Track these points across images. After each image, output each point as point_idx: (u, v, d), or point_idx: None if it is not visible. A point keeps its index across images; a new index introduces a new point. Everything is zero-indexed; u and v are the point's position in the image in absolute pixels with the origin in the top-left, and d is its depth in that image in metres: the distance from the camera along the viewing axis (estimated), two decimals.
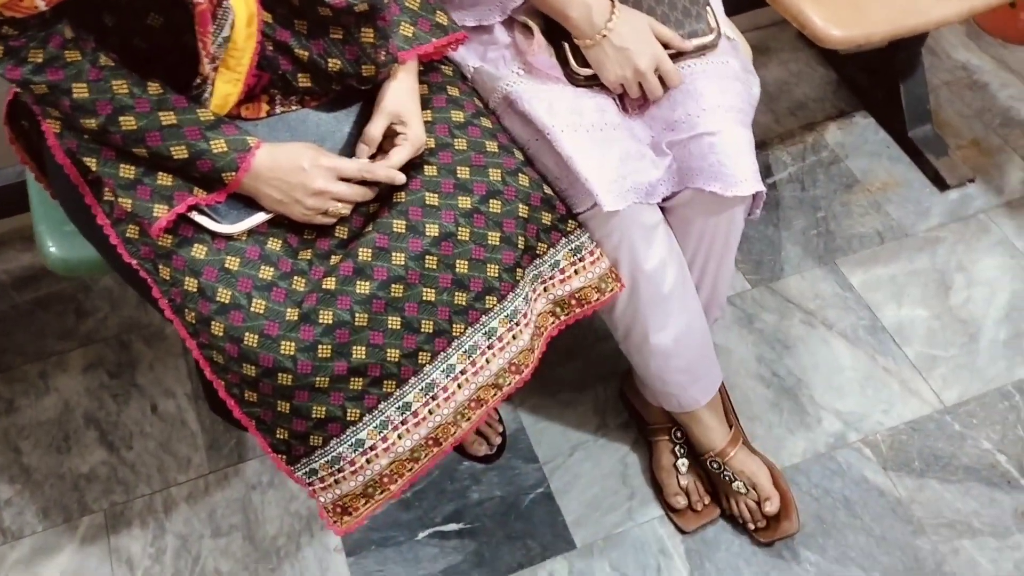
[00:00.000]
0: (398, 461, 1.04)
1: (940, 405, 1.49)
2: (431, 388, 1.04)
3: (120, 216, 0.98)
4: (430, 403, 1.04)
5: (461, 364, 1.05)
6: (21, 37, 0.85)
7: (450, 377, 1.05)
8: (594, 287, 1.15)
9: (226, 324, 0.95)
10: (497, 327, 1.07)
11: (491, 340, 1.07)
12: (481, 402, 1.09)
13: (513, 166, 1.07)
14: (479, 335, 1.06)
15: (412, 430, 1.04)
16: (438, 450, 1.07)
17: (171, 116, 0.92)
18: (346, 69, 0.99)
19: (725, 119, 1.10)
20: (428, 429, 1.05)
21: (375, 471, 1.03)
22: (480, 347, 1.06)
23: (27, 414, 1.51)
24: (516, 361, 1.10)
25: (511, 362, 1.10)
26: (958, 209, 1.75)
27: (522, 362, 1.11)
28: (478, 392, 1.08)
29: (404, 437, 1.04)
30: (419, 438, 1.05)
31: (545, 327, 1.16)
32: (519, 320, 1.09)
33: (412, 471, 1.06)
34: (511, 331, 1.08)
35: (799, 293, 1.64)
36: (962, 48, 2.03)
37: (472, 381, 1.06)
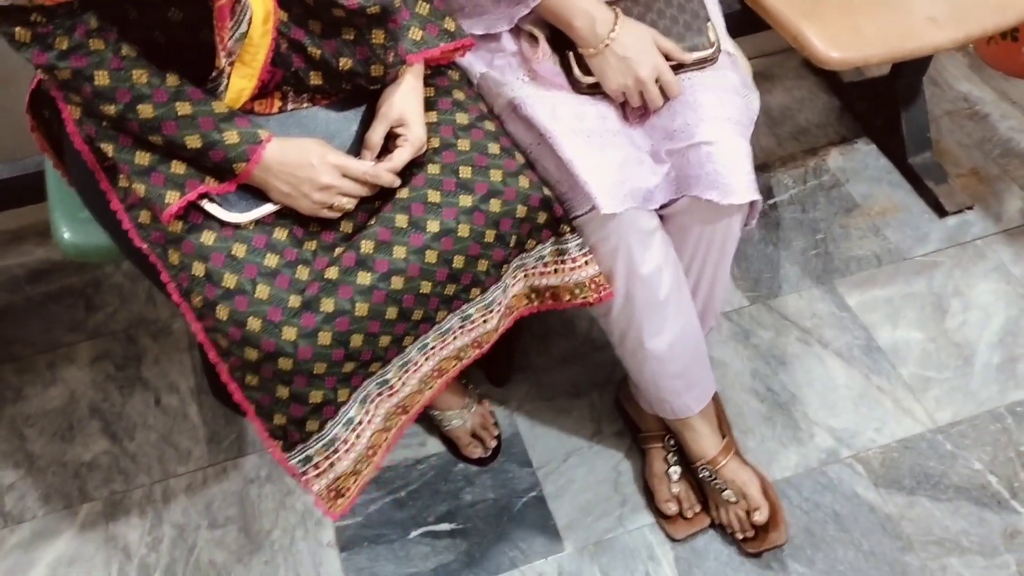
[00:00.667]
0: (376, 432, 1.09)
1: (932, 425, 1.51)
2: (407, 365, 1.10)
3: (133, 202, 1.02)
4: (403, 376, 1.10)
5: (434, 343, 1.11)
6: (49, 24, 0.89)
7: (421, 353, 1.11)
8: (568, 289, 1.18)
9: (231, 308, 0.98)
10: (473, 314, 1.13)
11: (464, 323, 1.13)
12: (442, 372, 1.15)
13: (514, 168, 1.10)
14: (455, 319, 1.12)
15: (386, 400, 1.10)
16: (406, 418, 1.14)
17: (187, 107, 0.96)
18: (356, 69, 1.03)
19: (723, 129, 1.13)
20: (399, 398, 1.11)
21: (363, 445, 1.08)
22: (453, 329, 1.12)
23: (34, 403, 1.54)
24: (479, 339, 1.16)
25: (475, 340, 1.15)
26: (956, 235, 1.77)
27: (484, 340, 1.17)
28: (440, 364, 1.14)
29: (380, 406, 1.09)
30: (391, 406, 1.11)
31: (517, 308, 1.21)
32: (494, 308, 1.14)
33: (387, 440, 1.12)
34: (483, 316, 1.14)
35: (796, 311, 1.66)
36: (964, 80, 2.07)
37: (438, 355, 1.13)
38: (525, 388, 1.56)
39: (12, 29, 0.89)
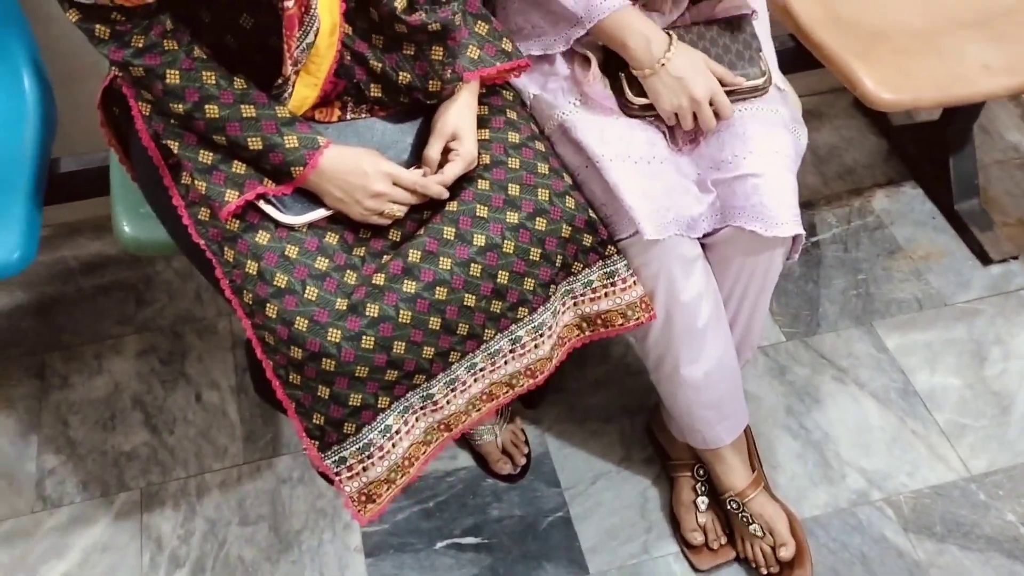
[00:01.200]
0: (415, 444, 1.10)
1: (966, 473, 1.49)
2: (454, 383, 1.10)
3: (194, 199, 1.06)
4: (449, 395, 1.11)
5: (483, 363, 1.12)
6: (128, 23, 0.94)
7: (470, 373, 1.11)
8: (620, 312, 1.19)
9: (280, 307, 1.01)
10: (523, 336, 1.13)
11: (514, 346, 1.13)
12: (492, 396, 1.15)
13: (561, 188, 1.13)
14: (505, 340, 1.12)
15: (428, 415, 1.11)
16: (448, 435, 1.14)
17: (251, 109, 1.00)
18: (415, 83, 1.06)
19: (771, 163, 1.15)
20: (443, 415, 1.12)
21: (398, 455, 1.08)
22: (503, 351, 1.13)
23: (79, 391, 1.59)
24: (532, 367, 1.16)
25: (527, 367, 1.16)
26: (999, 284, 1.76)
27: (538, 368, 1.17)
28: (491, 387, 1.14)
29: (421, 420, 1.10)
30: (433, 421, 1.11)
31: (569, 338, 1.21)
32: (544, 332, 1.14)
33: (425, 453, 1.13)
34: (534, 341, 1.14)
35: (833, 350, 1.66)
36: (1015, 129, 2.06)
37: (488, 378, 1.13)
38: (557, 409, 1.57)
39: (93, 26, 0.94)
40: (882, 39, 1.46)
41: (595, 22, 1.14)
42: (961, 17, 1.49)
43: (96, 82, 1.15)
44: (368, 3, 1.01)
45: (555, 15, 1.17)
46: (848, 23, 1.48)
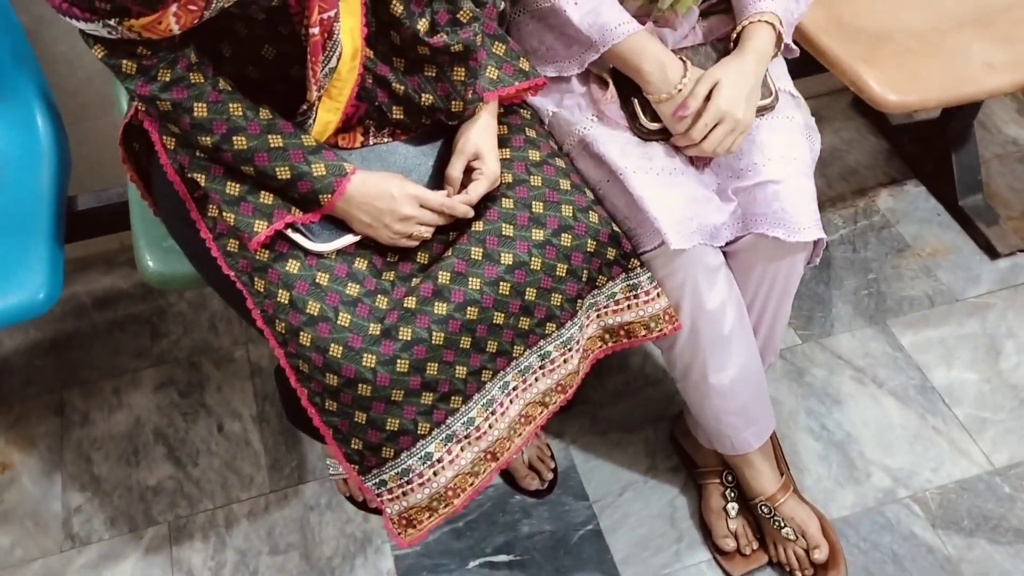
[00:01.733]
0: (461, 475, 1.09)
1: (990, 467, 1.50)
2: (490, 404, 1.10)
3: (222, 231, 1.06)
4: (489, 418, 1.11)
5: (514, 381, 1.12)
6: (154, 57, 0.94)
7: (504, 393, 1.11)
8: (643, 324, 1.20)
9: (313, 335, 1.01)
10: (552, 351, 1.14)
11: (544, 362, 1.14)
12: (529, 418, 1.15)
13: (584, 204, 1.13)
14: (534, 357, 1.13)
15: (473, 443, 1.10)
16: (495, 465, 1.13)
17: (279, 139, 1.00)
18: (437, 104, 1.07)
19: (789, 169, 1.16)
20: (487, 443, 1.11)
21: (441, 484, 1.08)
22: (533, 368, 1.13)
23: (100, 427, 1.58)
24: (563, 382, 1.16)
25: (558, 383, 1.16)
26: (1008, 277, 1.78)
27: (568, 383, 1.17)
28: (526, 408, 1.14)
29: (466, 450, 1.09)
30: (479, 451, 1.11)
31: (592, 350, 1.22)
32: (572, 346, 1.15)
33: (473, 485, 1.11)
34: (563, 356, 1.15)
35: (849, 350, 1.67)
36: (1012, 123, 2.08)
37: (521, 397, 1.13)
38: (580, 422, 1.58)
39: (119, 61, 0.94)
40: (885, 41, 1.47)
41: (609, 47, 1.15)
42: (961, 17, 1.51)
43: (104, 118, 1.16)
44: (389, 26, 1.02)
45: (569, 38, 1.18)
46: (851, 27, 1.50)
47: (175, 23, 0.89)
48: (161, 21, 0.88)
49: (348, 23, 0.99)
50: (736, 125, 1.14)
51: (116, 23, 0.87)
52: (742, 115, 1.14)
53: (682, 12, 1.21)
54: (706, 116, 1.13)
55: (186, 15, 0.89)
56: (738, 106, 1.13)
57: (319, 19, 0.94)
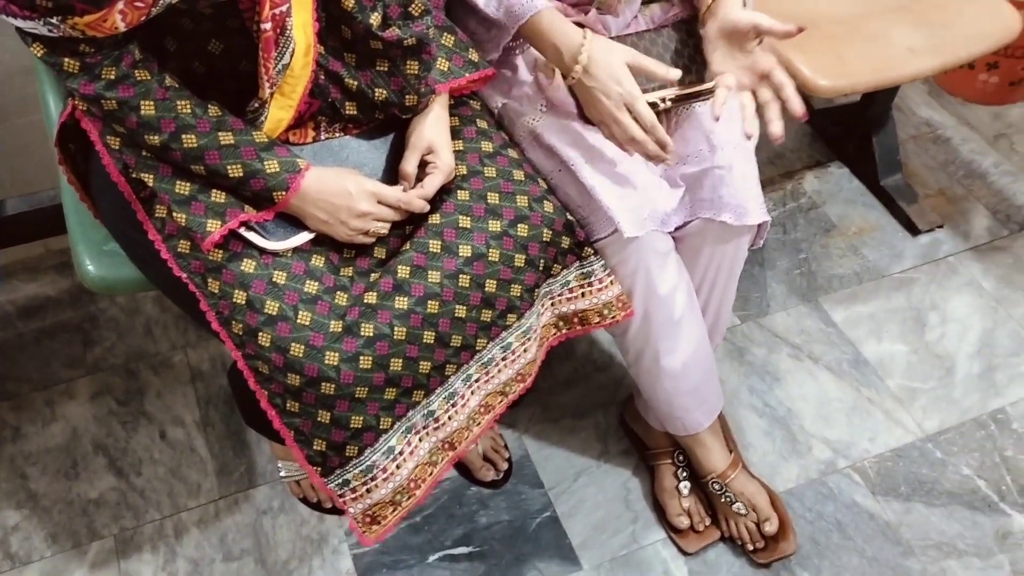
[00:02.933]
0: (420, 465, 1.09)
1: (922, 434, 1.57)
2: (452, 396, 1.11)
3: (172, 232, 1.03)
4: (450, 410, 1.11)
5: (477, 374, 1.12)
6: (97, 54, 0.91)
7: (466, 385, 1.12)
8: (596, 311, 1.22)
9: (273, 335, 0.99)
10: (513, 342, 1.14)
11: (506, 353, 1.14)
12: (489, 408, 1.16)
13: (538, 194, 1.14)
14: (497, 348, 1.13)
15: (432, 433, 1.11)
16: (453, 454, 1.14)
17: (229, 136, 0.98)
18: (391, 99, 1.06)
19: (734, 155, 1.19)
20: (445, 433, 1.12)
21: (403, 476, 1.08)
22: (496, 360, 1.14)
23: (34, 441, 1.51)
24: (522, 371, 1.18)
25: (518, 372, 1.17)
26: (929, 252, 1.86)
27: (527, 372, 1.18)
28: (486, 398, 1.15)
29: (424, 440, 1.10)
30: (436, 440, 1.11)
31: (547, 337, 1.23)
32: (531, 336, 1.16)
33: (432, 475, 1.12)
34: (523, 345, 1.16)
35: (785, 329, 1.73)
36: (925, 106, 2.18)
37: (483, 388, 1.14)
38: (531, 411, 1.59)
39: (61, 59, 0.90)
40: (812, 28, 1.51)
41: (516, 27, 1.13)
42: (883, 3, 1.57)
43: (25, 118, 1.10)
44: (341, 21, 1.00)
45: (488, 22, 1.18)
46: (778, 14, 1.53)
47: (121, 20, 0.86)
48: (107, 19, 0.85)
49: (300, 18, 0.97)
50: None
51: (58, 21, 0.84)
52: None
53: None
54: None
55: (132, 12, 0.86)
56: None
57: (271, 14, 0.92)
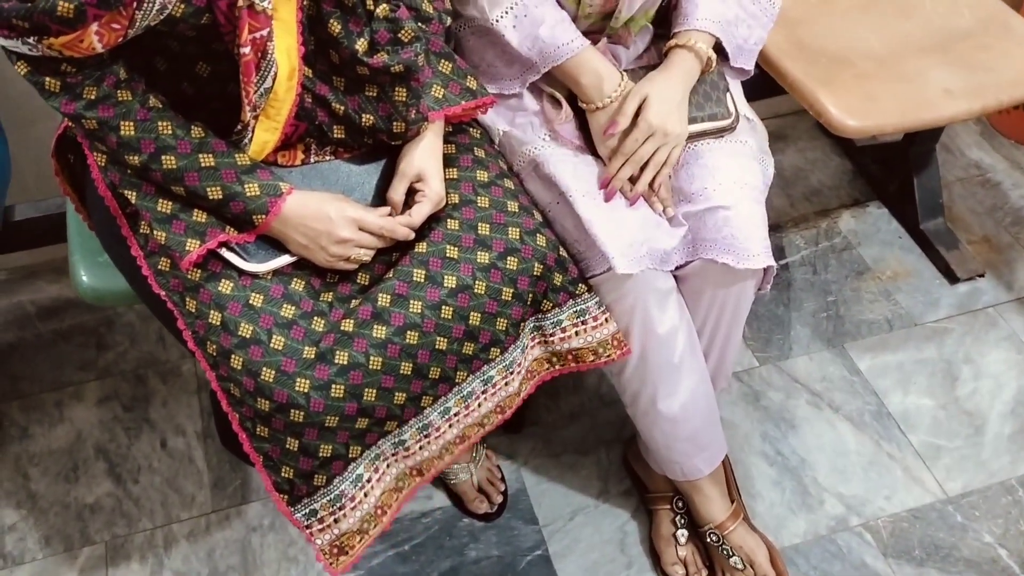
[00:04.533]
0: (387, 491, 1.07)
1: (943, 495, 1.49)
2: (426, 428, 1.09)
3: (153, 249, 1.02)
4: (422, 440, 1.09)
5: (456, 407, 1.10)
6: (78, 74, 0.91)
7: (444, 419, 1.09)
8: (591, 350, 1.18)
9: (245, 358, 0.98)
10: (495, 376, 1.12)
11: (486, 387, 1.12)
12: (465, 438, 1.14)
13: (532, 226, 1.11)
14: (477, 382, 1.11)
15: (400, 460, 1.09)
16: (420, 480, 1.12)
17: (210, 158, 0.97)
18: (378, 125, 1.04)
19: (740, 195, 1.14)
20: (414, 461, 1.10)
21: (371, 503, 1.06)
22: (476, 393, 1.11)
23: (40, 442, 1.54)
24: (502, 404, 1.15)
25: (498, 404, 1.14)
26: (967, 302, 1.77)
27: (507, 404, 1.16)
28: (464, 430, 1.12)
29: (392, 466, 1.08)
30: (404, 467, 1.09)
31: (539, 372, 1.20)
32: (514, 370, 1.13)
33: (398, 500, 1.10)
34: (505, 379, 1.13)
35: (807, 374, 1.66)
36: (975, 147, 2.08)
37: (462, 422, 1.11)
38: (532, 443, 1.55)
39: (42, 78, 0.91)
40: (845, 65, 1.46)
41: (549, 67, 1.13)
42: (921, 42, 1.50)
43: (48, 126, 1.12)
44: (327, 46, 0.99)
45: (509, 56, 1.16)
46: (811, 50, 1.49)
47: (98, 42, 0.86)
48: (83, 40, 0.85)
49: (284, 42, 0.96)
50: (667, 138, 1.13)
51: (35, 41, 0.84)
52: (672, 127, 1.13)
53: (635, 30, 1.19)
54: (636, 131, 1.12)
55: (109, 33, 0.86)
56: (668, 119, 1.12)
57: (250, 38, 0.91)
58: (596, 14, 1.17)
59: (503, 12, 1.13)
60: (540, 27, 1.13)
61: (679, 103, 1.15)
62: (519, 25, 1.13)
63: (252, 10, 0.91)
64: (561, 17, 1.14)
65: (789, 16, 1.53)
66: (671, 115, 1.13)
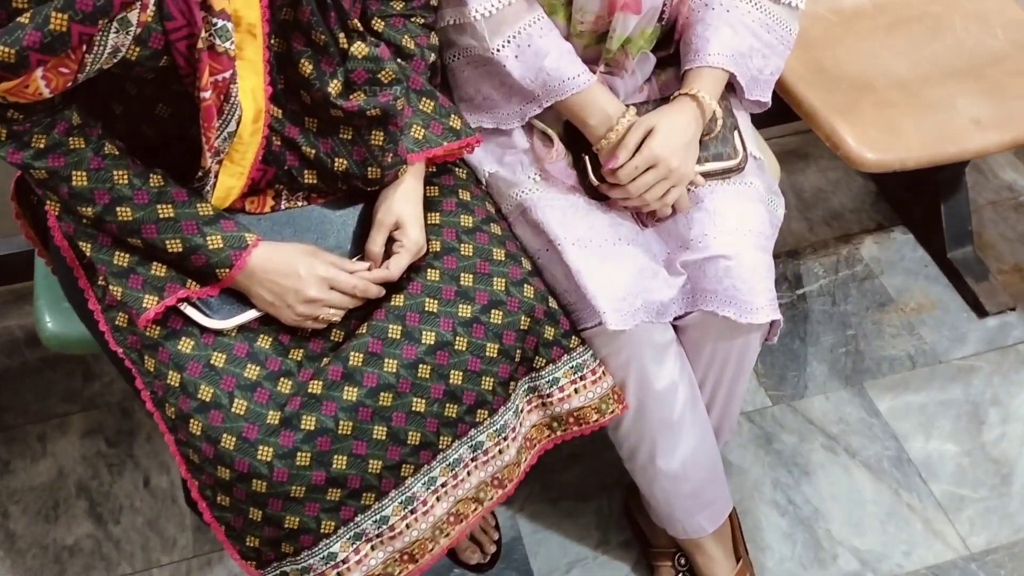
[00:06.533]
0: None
1: (965, 551, 1.40)
2: (410, 502, 1.00)
3: (111, 303, 0.96)
4: (408, 517, 1.00)
5: (443, 477, 1.02)
6: (26, 122, 0.85)
7: (430, 490, 1.01)
8: (594, 407, 1.10)
9: (204, 423, 0.92)
10: (484, 441, 1.04)
11: (476, 453, 1.04)
12: (461, 516, 1.05)
13: (519, 276, 1.04)
14: (464, 448, 1.03)
15: (387, 542, 1.00)
16: (413, 567, 1.03)
17: (169, 209, 0.91)
18: (352, 170, 0.97)
19: (743, 243, 1.06)
20: (403, 544, 1.01)
21: None
22: (464, 460, 1.03)
23: (21, 477, 1.49)
24: (500, 475, 1.06)
25: (494, 476, 1.06)
26: (996, 338, 1.67)
27: (506, 476, 1.07)
28: (457, 506, 1.04)
29: (377, 549, 1.00)
30: (392, 551, 1.01)
31: (539, 440, 1.12)
32: (507, 435, 1.05)
33: None
34: (498, 445, 1.05)
35: (822, 415, 1.57)
36: (1009, 168, 1.97)
37: (451, 494, 1.03)
38: (530, 487, 1.48)
39: None
40: (866, 92, 1.37)
41: (552, 102, 1.05)
42: (950, 67, 1.40)
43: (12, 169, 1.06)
44: (299, 86, 0.92)
45: (509, 88, 1.08)
46: (830, 75, 1.40)
47: (45, 87, 0.79)
48: (28, 85, 0.78)
49: (249, 82, 0.89)
50: (670, 174, 1.04)
51: None
52: (677, 164, 1.04)
53: (633, 54, 1.10)
54: (637, 159, 1.04)
55: (57, 78, 0.79)
56: (674, 154, 1.04)
57: (211, 81, 0.84)
58: (588, 32, 1.09)
59: (504, 41, 1.05)
60: (545, 58, 1.05)
61: (688, 143, 1.06)
62: (521, 56, 1.05)
63: (213, 51, 0.84)
64: (566, 48, 1.07)
65: (807, 38, 1.44)
66: (677, 150, 1.05)
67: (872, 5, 1.52)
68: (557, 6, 1.07)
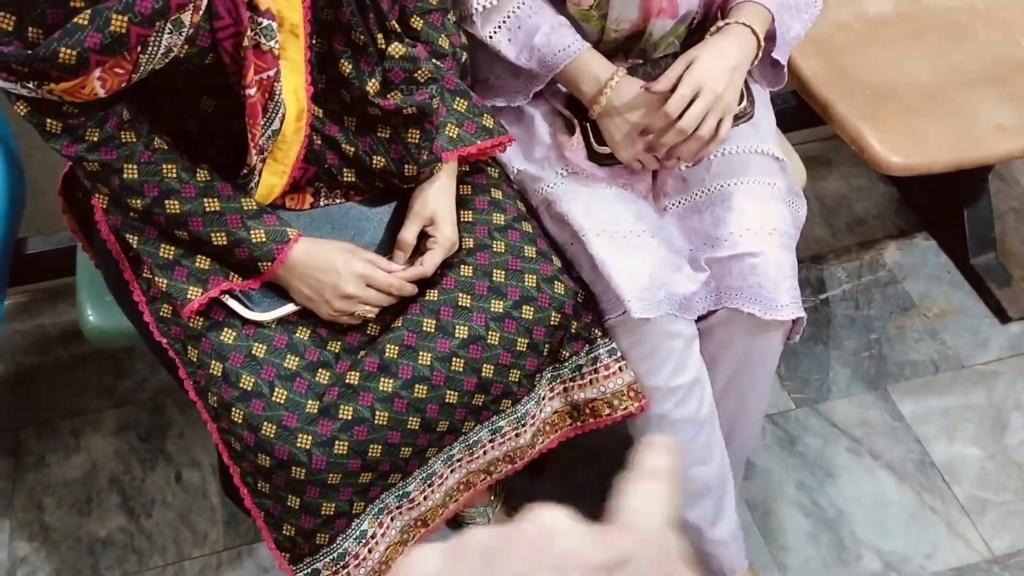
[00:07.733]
0: (392, 545, 1.03)
1: (989, 554, 1.40)
2: (430, 477, 1.04)
3: (156, 295, 0.99)
4: (426, 490, 1.04)
5: (460, 454, 1.06)
6: (81, 116, 0.88)
7: (447, 466, 1.05)
8: (606, 402, 1.12)
9: (246, 411, 0.94)
10: (504, 426, 1.07)
11: (494, 436, 1.07)
12: (470, 485, 1.09)
13: (550, 273, 1.06)
14: (484, 431, 1.06)
15: (405, 513, 1.04)
16: (425, 531, 1.07)
17: (215, 203, 0.93)
18: (389, 167, 0.99)
19: (769, 242, 1.07)
20: (419, 512, 1.05)
21: (375, 559, 1.02)
22: (482, 442, 1.07)
23: (55, 471, 1.52)
24: (511, 453, 1.10)
25: (506, 454, 1.09)
26: (1019, 343, 1.67)
27: (518, 455, 1.10)
28: (468, 476, 1.08)
29: (396, 519, 1.04)
30: (409, 519, 1.05)
31: (561, 426, 1.14)
32: (526, 421, 1.08)
33: (402, 555, 1.05)
34: (515, 430, 1.08)
35: (846, 418, 1.58)
36: None
37: (465, 468, 1.07)
38: (551, 485, 1.49)
39: (43, 120, 0.88)
40: (890, 97, 1.39)
41: (552, 75, 1.08)
42: (974, 74, 1.42)
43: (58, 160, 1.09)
44: (339, 85, 0.95)
45: (513, 66, 1.11)
46: (854, 80, 1.42)
47: (100, 87, 0.82)
48: (84, 86, 0.81)
49: (292, 82, 0.92)
50: (716, 101, 1.02)
51: (35, 86, 0.81)
52: (723, 89, 1.01)
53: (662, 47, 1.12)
54: (683, 87, 1.01)
55: (112, 79, 0.82)
56: (719, 79, 1.01)
57: (256, 79, 0.87)
58: (624, 37, 1.11)
59: (495, 27, 1.08)
60: (535, 35, 1.07)
61: (733, 68, 1.03)
62: (514, 38, 1.08)
63: (258, 50, 0.87)
64: (558, 22, 1.08)
65: (832, 45, 1.46)
66: (722, 76, 1.02)
67: (896, 13, 1.54)
68: (590, 15, 1.09)
